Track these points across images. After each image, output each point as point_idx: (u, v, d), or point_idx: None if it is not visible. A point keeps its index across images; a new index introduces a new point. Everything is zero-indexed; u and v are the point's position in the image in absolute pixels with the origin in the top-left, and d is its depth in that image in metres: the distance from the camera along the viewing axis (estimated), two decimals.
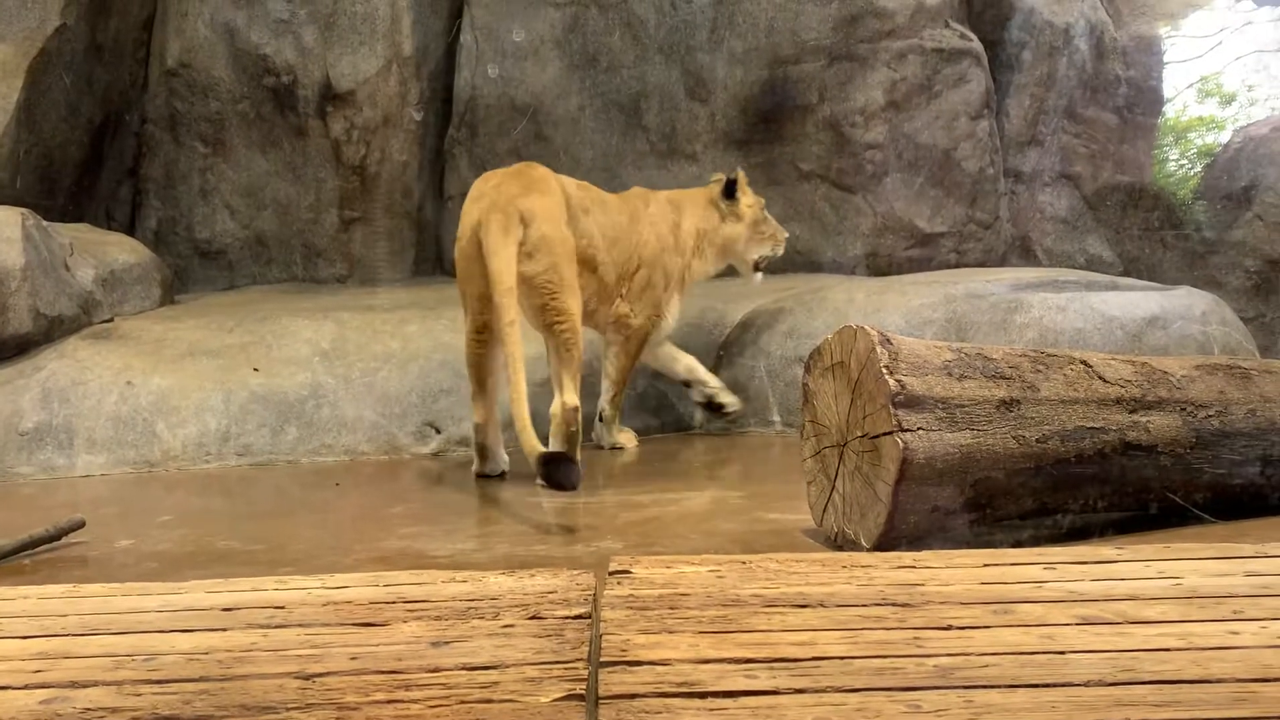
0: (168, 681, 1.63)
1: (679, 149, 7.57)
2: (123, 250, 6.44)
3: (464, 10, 7.80)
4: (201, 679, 1.64)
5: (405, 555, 3.14)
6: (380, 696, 1.54)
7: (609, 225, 4.79)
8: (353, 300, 6.38)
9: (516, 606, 1.96)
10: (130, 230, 7.54)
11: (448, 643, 1.77)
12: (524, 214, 4.22)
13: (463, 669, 1.64)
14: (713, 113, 7.52)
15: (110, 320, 5.85)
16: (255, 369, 5.28)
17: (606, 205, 4.89)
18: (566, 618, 1.88)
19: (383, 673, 1.64)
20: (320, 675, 1.63)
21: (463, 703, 1.50)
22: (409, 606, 1.99)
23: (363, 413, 5.13)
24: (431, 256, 8.00)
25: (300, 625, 1.91)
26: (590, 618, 1.88)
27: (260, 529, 3.68)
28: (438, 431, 5.14)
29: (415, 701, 1.52)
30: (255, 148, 7.61)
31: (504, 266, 4.08)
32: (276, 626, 1.91)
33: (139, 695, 1.58)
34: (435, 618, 1.92)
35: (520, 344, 4.02)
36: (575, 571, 2.19)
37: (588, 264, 4.61)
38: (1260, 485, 3.29)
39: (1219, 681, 1.53)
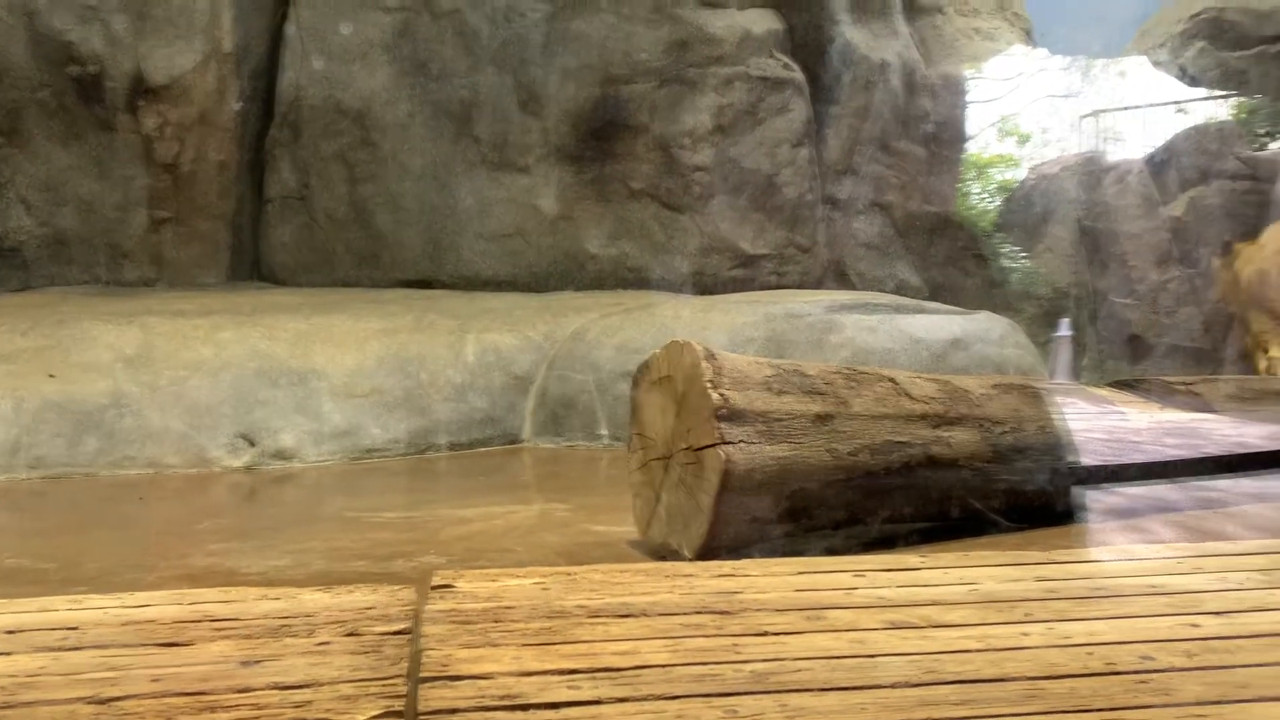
0: None
1: (511, 161, 7.55)
2: None
3: (289, 9, 7.55)
4: None
5: (214, 572, 2.99)
6: (184, 719, 1.46)
7: None
8: (161, 305, 6.04)
9: (333, 623, 1.90)
10: None
11: (258, 662, 1.70)
12: None
13: (274, 688, 1.57)
14: (545, 127, 7.54)
15: None
16: (51, 375, 4.92)
17: None
18: (386, 634, 1.83)
19: (187, 694, 1.55)
20: (117, 699, 1.54)
21: None
22: (216, 625, 1.90)
23: (170, 423, 4.87)
24: (249, 261, 7.68)
25: (96, 647, 1.79)
26: (411, 633, 1.84)
27: (52, 546, 3.42)
28: (251, 444, 4.92)
29: None
30: (56, 140, 7.11)
31: None
32: (69, 649, 1.78)
33: None
34: (245, 636, 1.83)
35: None
36: (395, 587, 2.14)
37: None
38: (1050, 494, 3.54)
39: (1012, 680, 1.63)
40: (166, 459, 4.77)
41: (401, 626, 1.86)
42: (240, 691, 1.56)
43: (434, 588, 2.14)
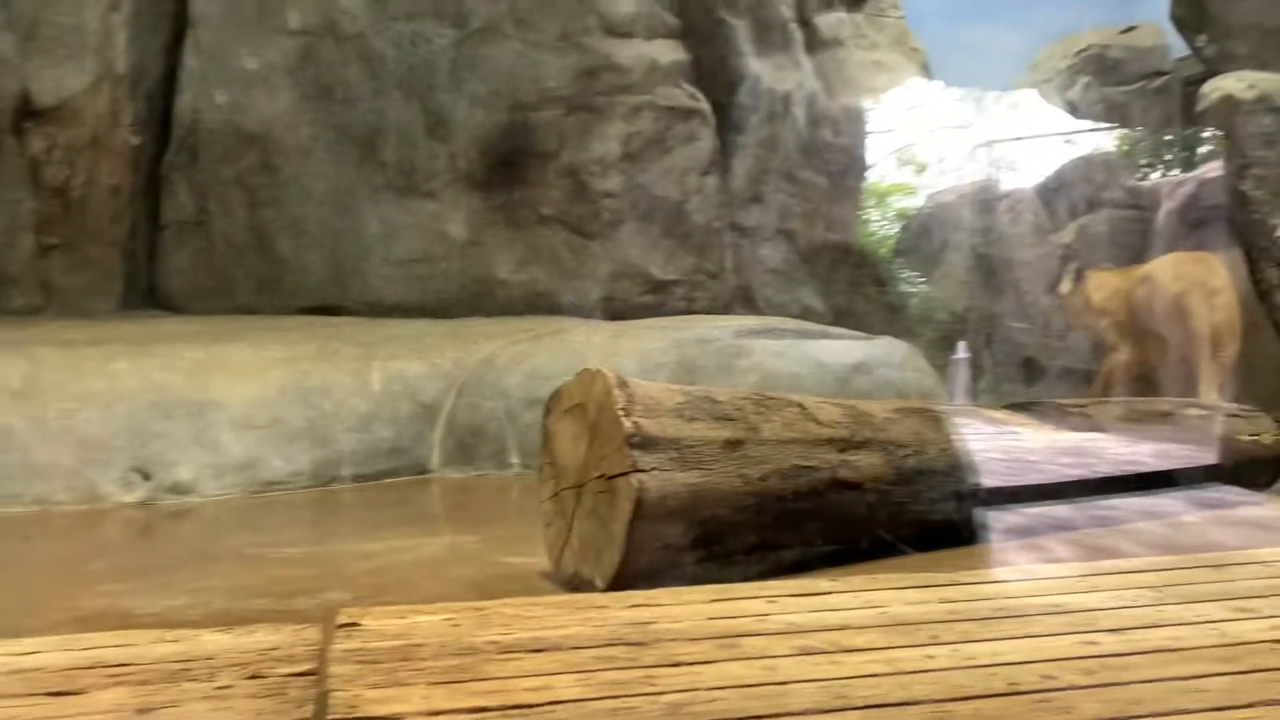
0: None
1: (417, 186, 7.48)
2: None
3: (188, 31, 7.37)
4: None
5: (107, 615, 2.87)
6: None
7: None
8: (50, 334, 5.79)
9: (234, 666, 1.83)
10: None
11: (155, 709, 1.63)
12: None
13: None
14: (453, 153, 7.49)
15: None
16: None
17: None
18: (290, 675, 1.78)
19: None
20: None
21: None
22: (110, 671, 1.82)
23: (59, 458, 4.66)
24: (143, 288, 7.44)
25: None
26: (316, 674, 1.79)
27: None
28: (146, 478, 4.74)
29: None
30: None
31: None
32: None
33: None
34: (140, 682, 1.76)
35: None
36: (299, 626, 2.08)
37: None
38: (954, 519, 3.62)
39: (919, 703, 1.66)
40: (55, 495, 4.56)
41: (306, 667, 1.81)
42: None
43: (339, 626, 2.08)
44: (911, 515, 3.50)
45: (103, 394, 4.94)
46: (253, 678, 1.77)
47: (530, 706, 1.63)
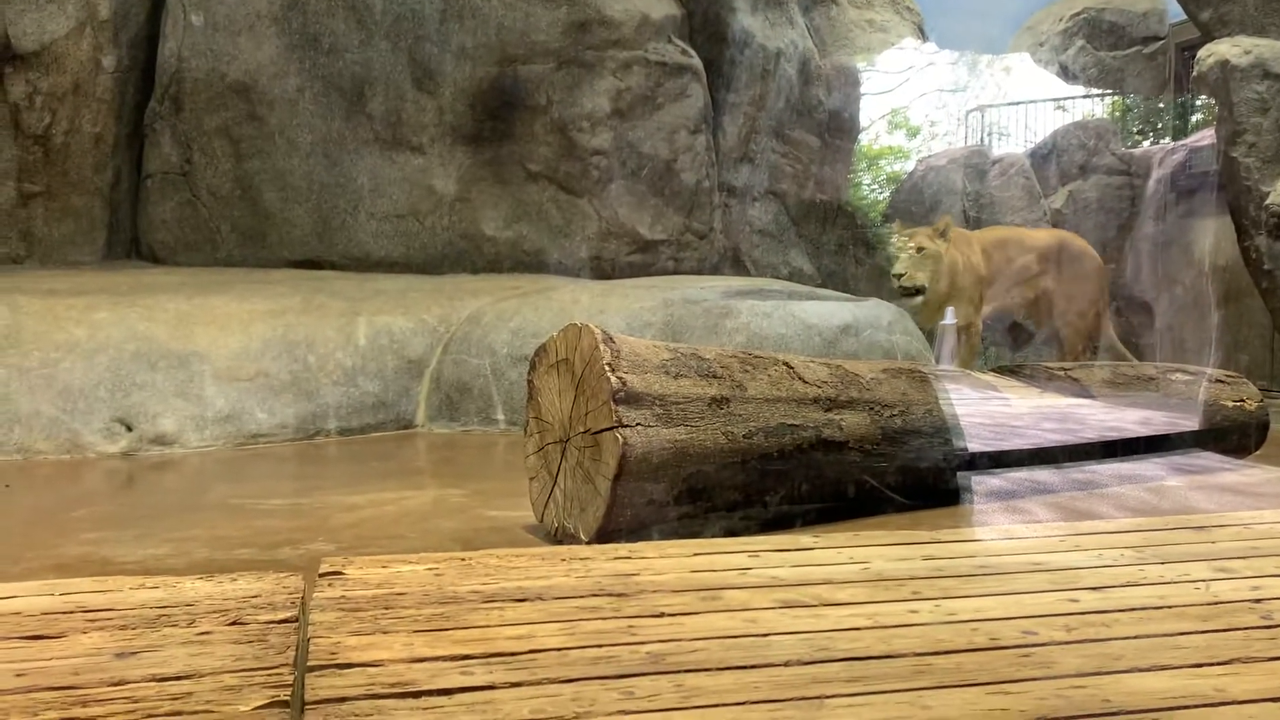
0: None
1: (405, 139, 7.40)
2: None
3: None
4: None
5: (87, 562, 2.86)
6: (52, 715, 1.39)
7: None
8: (31, 283, 5.74)
9: (215, 612, 1.83)
10: None
11: (134, 653, 1.62)
12: None
13: (151, 680, 1.51)
14: (440, 106, 7.41)
15: None
16: None
17: None
18: (271, 622, 1.77)
19: (56, 689, 1.47)
20: None
21: (150, 716, 1.38)
22: (90, 616, 1.81)
23: (40, 407, 4.63)
24: (127, 238, 7.36)
25: None
26: (298, 621, 1.78)
27: None
28: (129, 429, 4.72)
29: (95, 718, 1.38)
30: None
31: None
32: None
33: None
34: (120, 627, 1.75)
35: None
36: (281, 574, 2.07)
37: None
38: (936, 476, 3.63)
39: (901, 656, 1.67)
40: (36, 445, 4.54)
41: (288, 615, 1.81)
42: (115, 684, 1.49)
43: (322, 575, 2.08)
44: (896, 474, 3.51)
45: (84, 344, 4.90)
46: (233, 624, 1.76)
47: (512, 655, 1.63)
